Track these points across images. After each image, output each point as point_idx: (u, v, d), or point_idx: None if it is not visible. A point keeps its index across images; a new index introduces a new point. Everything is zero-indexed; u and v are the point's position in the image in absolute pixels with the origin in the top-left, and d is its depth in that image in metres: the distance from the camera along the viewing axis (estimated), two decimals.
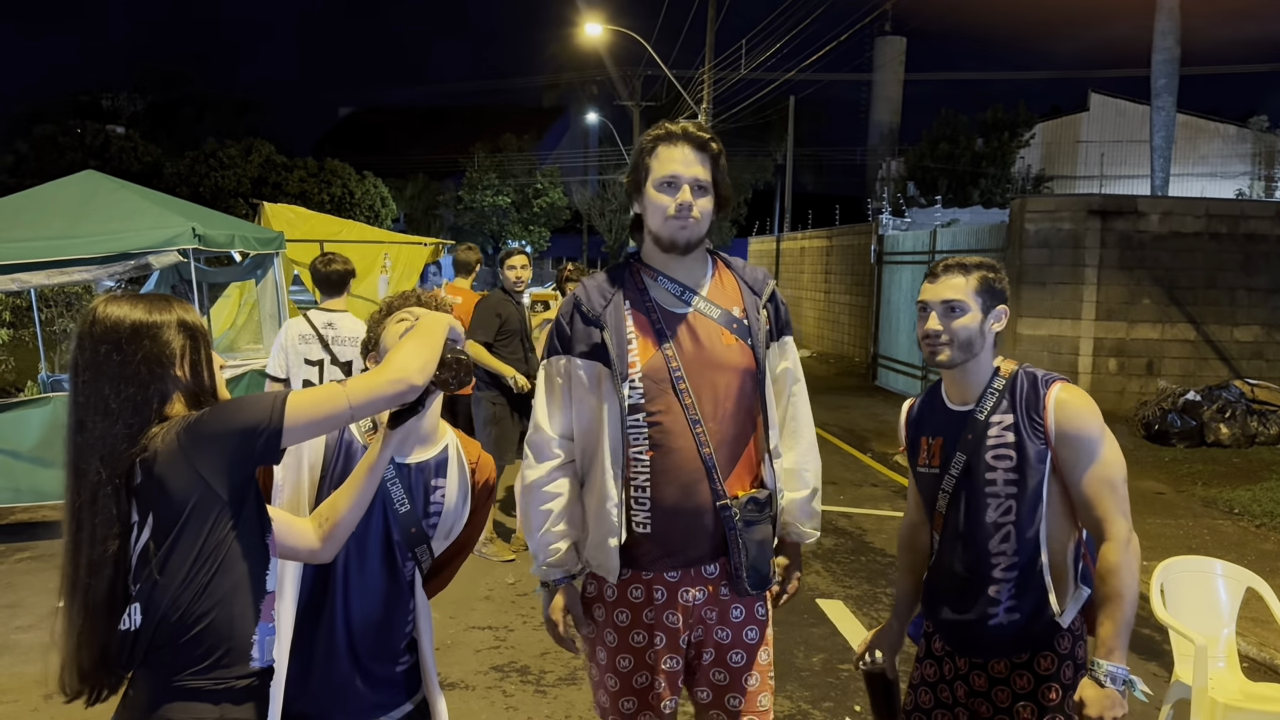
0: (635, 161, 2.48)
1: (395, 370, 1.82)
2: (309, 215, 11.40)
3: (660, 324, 2.43)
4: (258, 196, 14.53)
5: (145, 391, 1.75)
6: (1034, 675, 2.36)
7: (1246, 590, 3.91)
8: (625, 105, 38.81)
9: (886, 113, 37.07)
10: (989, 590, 2.37)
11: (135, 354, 1.74)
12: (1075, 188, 28.58)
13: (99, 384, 1.74)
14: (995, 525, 2.36)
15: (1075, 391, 2.37)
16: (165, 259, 8.55)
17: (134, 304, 1.79)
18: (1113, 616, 2.26)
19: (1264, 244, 11.62)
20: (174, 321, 1.80)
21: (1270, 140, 28.45)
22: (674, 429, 2.38)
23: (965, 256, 2.47)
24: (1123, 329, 11.57)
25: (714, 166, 2.44)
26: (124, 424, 1.72)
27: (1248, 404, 10.44)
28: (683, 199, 2.38)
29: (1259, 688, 3.82)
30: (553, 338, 2.52)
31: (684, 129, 2.44)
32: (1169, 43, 15.62)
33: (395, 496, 2.21)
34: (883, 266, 16.19)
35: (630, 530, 2.41)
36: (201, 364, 1.82)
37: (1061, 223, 11.59)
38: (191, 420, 1.72)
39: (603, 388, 2.41)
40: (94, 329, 1.76)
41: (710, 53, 23.75)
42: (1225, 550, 6.52)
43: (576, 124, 51.06)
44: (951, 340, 2.38)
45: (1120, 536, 2.29)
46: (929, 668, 2.55)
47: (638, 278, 2.50)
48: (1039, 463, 2.33)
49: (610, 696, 2.52)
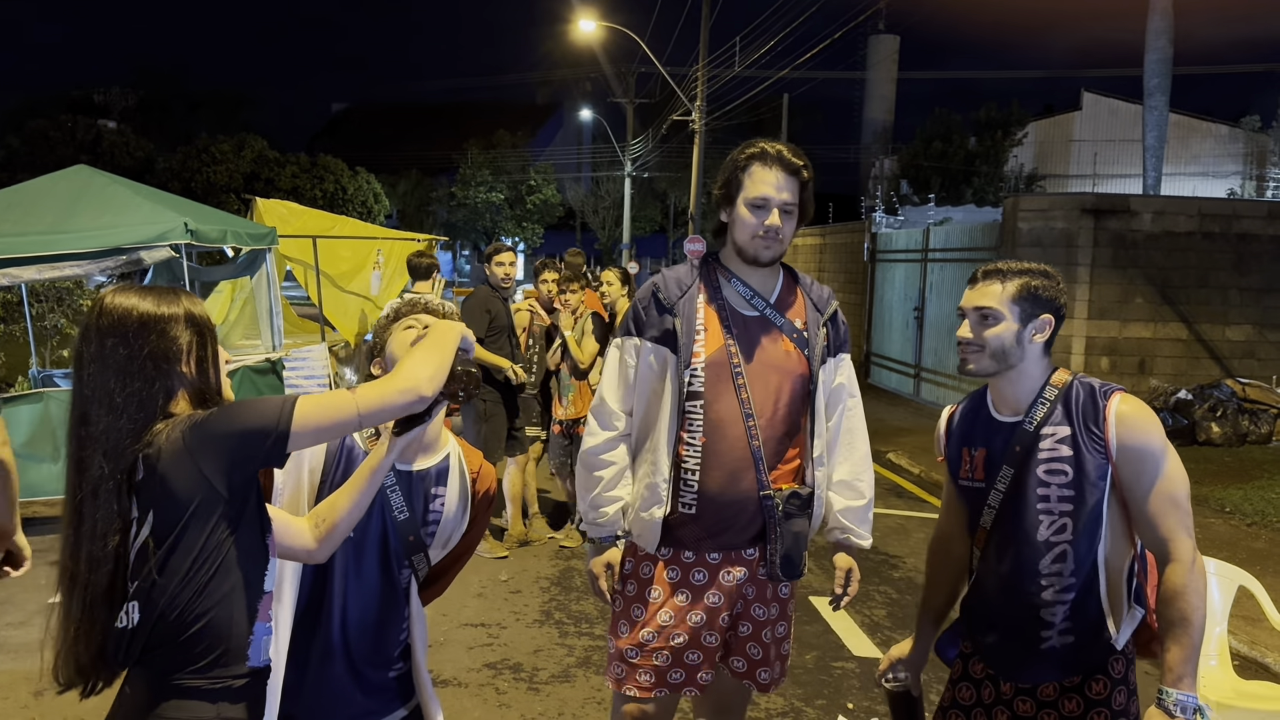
0: (728, 176, 2.63)
1: (405, 379, 1.80)
2: (301, 211, 11.36)
3: (729, 322, 2.62)
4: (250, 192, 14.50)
5: (151, 387, 1.73)
6: (1084, 699, 2.25)
7: (1238, 589, 3.92)
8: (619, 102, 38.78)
9: (880, 111, 37.13)
10: (1041, 613, 2.26)
11: (142, 348, 1.73)
12: (1068, 186, 28.64)
13: (104, 377, 1.72)
14: (1048, 544, 2.24)
15: (1136, 403, 2.25)
16: (157, 254, 8.51)
17: (142, 296, 1.77)
18: (1180, 642, 2.12)
19: (1256, 244, 11.66)
20: (182, 315, 1.78)
21: (1262, 140, 28.53)
22: (727, 418, 2.57)
23: (1010, 262, 2.36)
24: (1115, 328, 11.59)
25: (802, 190, 2.59)
26: (128, 419, 1.71)
27: (1239, 403, 10.48)
28: (772, 222, 2.55)
29: (1251, 686, 3.83)
30: (628, 320, 2.71)
31: (779, 152, 2.58)
32: (1162, 42, 15.64)
33: (394, 504, 2.20)
34: (876, 264, 16.20)
35: (676, 510, 2.60)
36: (208, 360, 1.81)
37: (1054, 221, 11.61)
38: (199, 419, 1.70)
39: (667, 372, 2.60)
40: (100, 321, 1.74)
41: (704, 50, 23.73)
42: (1217, 549, 6.54)
43: (570, 121, 51.04)
44: (983, 349, 2.29)
45: (1186, 557, 2.15)
46: (965, 690, 2.41)
47: (714, 277, 2.68)
48: (1099, 479, 2.21)
49: (629, 667, 2.67)
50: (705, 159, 24.12)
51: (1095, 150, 29.46)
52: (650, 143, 33.98)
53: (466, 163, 39.36)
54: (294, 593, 2.14)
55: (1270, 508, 7.66)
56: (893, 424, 11.26)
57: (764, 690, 2.76)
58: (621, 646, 2.70)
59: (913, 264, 14.56)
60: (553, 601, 5.52)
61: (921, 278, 14.08)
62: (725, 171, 2.64)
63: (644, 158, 35.80)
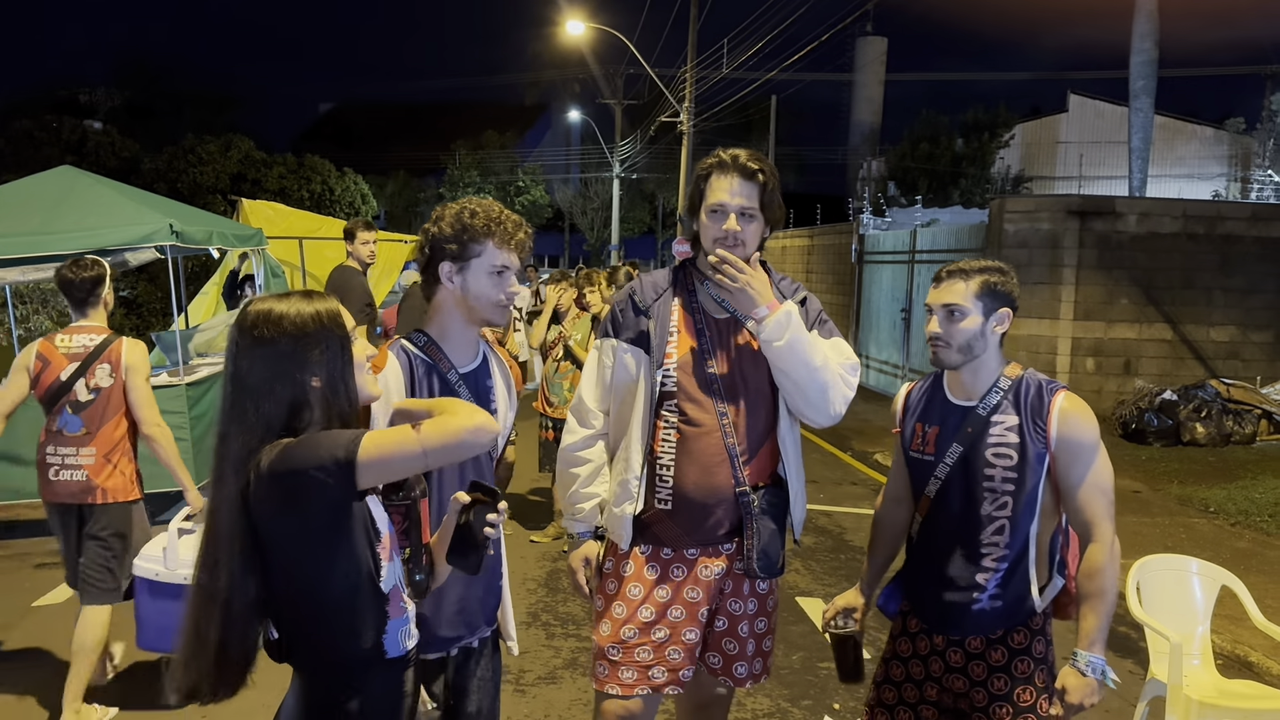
0: (692, 187, 2.74)
1: (472, 417, 1.78)
2: (288, 212, 11.32)
3: (702, 324, 2.70)
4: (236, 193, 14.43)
5: (276, 398, 1.75)
6: (1008, 649, 2.51)
7: (1221, 588, 3.95)
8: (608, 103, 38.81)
9: (868, 113, 37.20)
10: (978, 577, 2.50)
11: (274, 361, 1.76)
12: (1054, 188, 28.76)
13: (240, 393, 1.76)
14: (990, 518, 2.49)
15: (1077, 401, 2.50)
16: (142, 255, 8.48)
17: (278, 302, 1.80)
18: (1096, 611, 2.42)
19: (1240, 245, 11.73)
20: (317, 324, 1.79)
21: (1246, 142, 28.70)
22: (701, 417, 2.65)
23: (970, 261, 2.58)
24: (1100, 329, 11.65)
25: (762, 192, 2.63)
26: (254, 432, 1.74)
27: (1223, 403, 10.54)
28: (729, 227, 2.61)
29: (1233, 685, 3.86)
30: (606, 322, 2.81)
31: (735, 157, 2.65)
32: (1147, 45, 15.74)
33: (465, 396, 2.36)
34: (863, 266, 16.24)
35: (652, 507, 2.67)
36: (341, 373, 1.82)
37: (1040, 223, 11.66)
38: (283, 447, 1.72)
39: (640, 372, 2.68)
40: (239, 336, 1.78)
41: (692, 52, 23.77)
42: (1200, 548, 6.58)
43: (558, 122, 51.00)
44: (951, 343, 2.51)
45: (1106, 539, 2.44)
46: (903, 644, 2.67)
47: (689, 281, 2.78)
48: (1039, 464, 2.46)
49: (610, 665, 2.72)
50: (694, 160, 24.14)
51: (1081, 152, 29.59)
52: (639, 144, 34.01)
53: (454, 163, 39.30)
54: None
55: (1253, 507, 7.71)
56: (878, 424, 11.28)
57: (740, 685, 2.80)
58: (603, 644, 2.74)
59: (900, 265, 14.60)
60: (540, 603, 5.52)
61: (909, 279, 14.12)
62: (691, 183, 2.77)
63: (632, 159, 35.84)
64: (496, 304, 2.37)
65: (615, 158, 35.72)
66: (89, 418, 3.98)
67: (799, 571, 6.23)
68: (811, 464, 9.06)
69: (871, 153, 33.84)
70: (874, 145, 35.24)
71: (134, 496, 4.14)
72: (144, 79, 40.67)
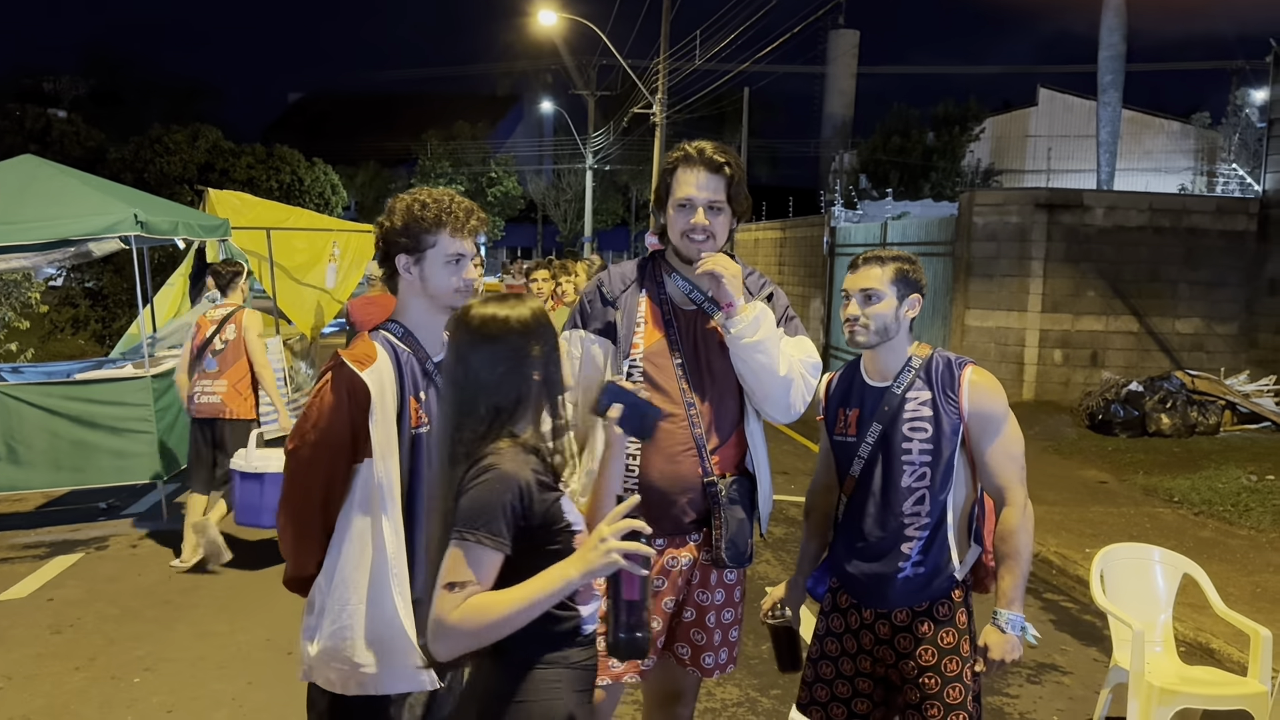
0: (659, 181, 2.76)
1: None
2: (255, 202, 11.18)
3: (670, 316, 2.73)
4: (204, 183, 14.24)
5: (507, 397, 1.93)
6: (933, 621, 2.61)
7: (1183, 576, 4.00)
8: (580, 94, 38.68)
9: (840, 106, 37.32)
10: (901, 547, 2.60)
11: (496, 361, 1.92)
12: (1024, 181, 28.97)
13: (474, 385, 1.92)
14: (909, 490, 2.60)
15: (984, 374, 2.65)
16: (106, 246, 8.37)
17: (499, 306, 1.96)
18: (1012, 571, 2.56)
19: (1205, 238, 11.88)
20: (531, 326, 1.96)
21: (1212, 136, 29.02)
22: (668, 407, 2.62)
23: (883, 249, 2.70)
24: (1068, 321, 11.76)
25: (729, 185, 2.67)
26: (487, 421, 1.90)
27: (1188, 395, 10.67)
28: (697, 221, 2.65)
29: (1194, 671, 3.92)
30: (575, 313, 2.82)
31: (701, 151, 2.67)
32: (1115, 39, 15.88)
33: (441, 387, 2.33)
34: (835, 258, 16.30)
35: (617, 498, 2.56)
36: (556, 368, 2.00)
37: (1009, 216, 11.75)
38: (468, 489, 1.86)
39: (607, 362, 2.70)
40: (473, 334, 1.94)
41: (665, 43, 23.74)
42: (1165, 537, 6.66)
43: (531, 113, 50.76)
44: (869, 325, 2.61)
45: (1019, 502, 2.58)
46: (835, 620, 2.76)
47: (657, 273, 2.80)
48: (953, 435, 2.59)
49: None
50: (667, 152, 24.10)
51: (1050, 145, 29.83)
52: (612, 135, 33.93)
53: (426, 154, 39.03)
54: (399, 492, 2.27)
55: (1217, 497, 7.81)
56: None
57: (708, 675, 2.81)
58: None
59: None
60: None
61: None
62: (658, 178, 2.78)
63: (605, 150, 35.75)
64: (455, 291, 2.38)
65: (588, 149, 35.62)
66: (221, 361, 5.91)
67: (769, 562, 6.25)
68: (782, 454, 9.10)
69: (843, 145, 33.96)
70: (846, 138, 35.36)
71: (251, 417, 5.97)
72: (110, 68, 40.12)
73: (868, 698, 2.68)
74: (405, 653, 2.26)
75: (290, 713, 4.02)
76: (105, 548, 6.34)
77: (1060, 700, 4.43)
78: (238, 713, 4.11)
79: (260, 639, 4.85)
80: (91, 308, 15.42)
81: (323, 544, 2.32)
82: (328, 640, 2.29)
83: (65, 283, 15.75)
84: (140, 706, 4.15)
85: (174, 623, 5.08)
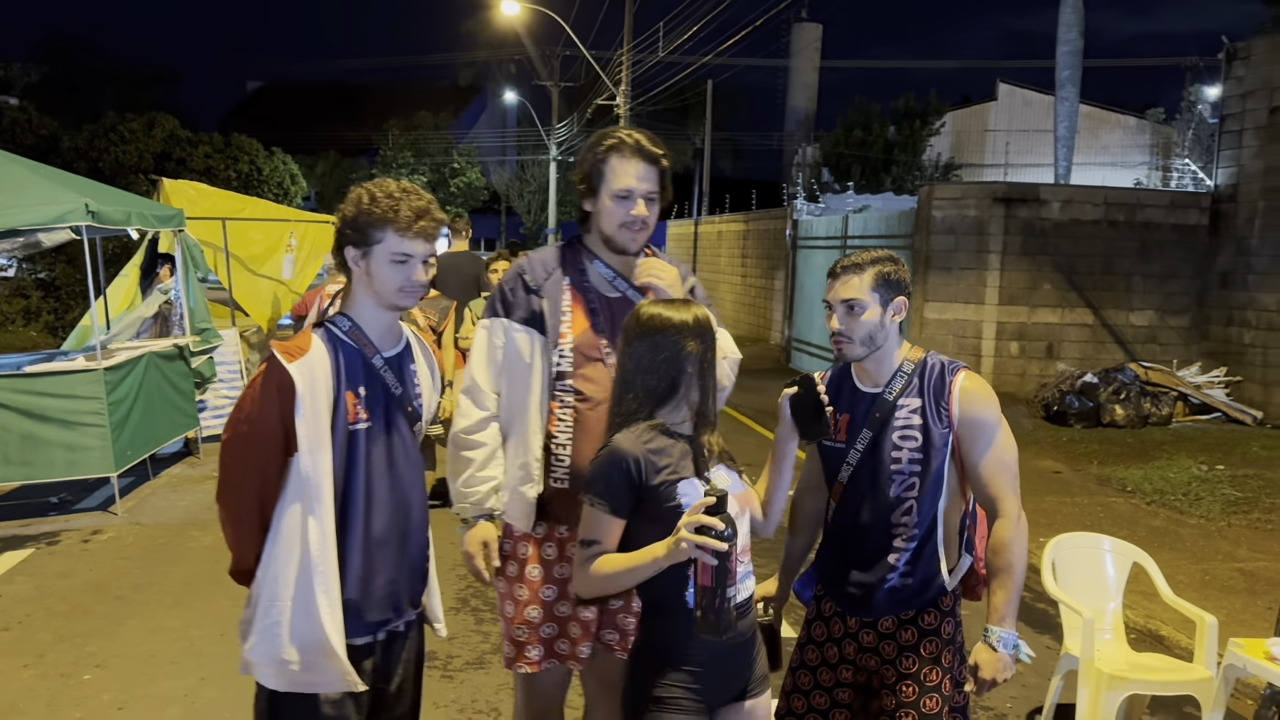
0: (590, 168, 2.69)
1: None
2: (210, 192, 11.02)
3: (595, 304, 2.71)
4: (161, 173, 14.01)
5: (662, 381, 2.22)
6: (918, 629, 2.54)
7: (1133, 564, 4.07)
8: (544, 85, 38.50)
9: (803, 99, 37.38)
10: (888, 557, 2.53)
11: (656, 354, 2.22)
12: (983, 176, 29.23)
13: (638, 368, 2.23)
14: (899, 499, 2.52)
15: (977, 380, 2.55)
16: (57, 236, 8.22)
17: (667, 307, 2.26)
18: (1005, 586, 2.45)
19: (1159, 232, 12.06)
20: (696, 328, 2.23)
21: (1167, 132, 29.43)
22: (598, 396, 2.64)
23: (861, 254, 2.57)
24: (1024, 313, 11.90)
25: (662, 176, 2.69)
26: (641, 398, 2.23)
27: (1141, 386, 10.85)
28: (638, 212, 2.64)
29: (1143, 658, 3.98)
30: (494, 301, 2.77)
31: (637, 142, 2.65)
32: (1072, 35, 16.02)
33: (390, 381, 2.39)
34: (797, 251, 16.37)
35: (549, 486, 2.66)
36: (708, 365, 2.25)
37: (967, 210, 11.86)
38: (602, 453, 2.23)
39: (535, 352, 2.67)
40: (641, 326, 2.25)
41: (628, 34, 23.70)
42: (1118, 526, 6.77)
43: (494, 103, 50.47)
44: (854, 337, 2.52)
45: (1012, 514, 2.48)
46: (818, 628, 2.70)
47: (579, 260, 2.76)
48: (942, 445, 2.50)
49: (516, 646, 2.77)
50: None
51: (1008, 140, 30.11)
52: (576, 126, 33.82)
53: (387, 144, 38.72)
54: (331, 489, 2.25)
55: (1169, 486, 7.95)
56: None
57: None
58: (510, 626, 2.78)
59: (832, 250, 14.75)
60: (470, 589, 5.49)
61: None
62: (585, 163, 2.71)
63: (569, 142, 35.61)
64: (399, 291, 2.32)
65: (552, 140, 35.48)
66: None
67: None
68: (745, 447, 9.12)
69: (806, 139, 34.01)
70: (809, 131, 35.43)
71: None
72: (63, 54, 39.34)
73: (846, 708, 2.63)
74: (328, 653, 2.22)
75: (243, 708, 3.97)
76: (56, 543, 6.24)
77: (1013, 688, 4.49)
78: (190, 709, 4.07)
79: (214, 634, 4.80)
80: (44, 299, 15.16)
81: (260, 537, 2.29)
82: (258, 636, 2.26)
83: (17, 274, 15.48)
84: (90, 704, 4.09)
85: (126, 619, 5.01)
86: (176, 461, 8.44)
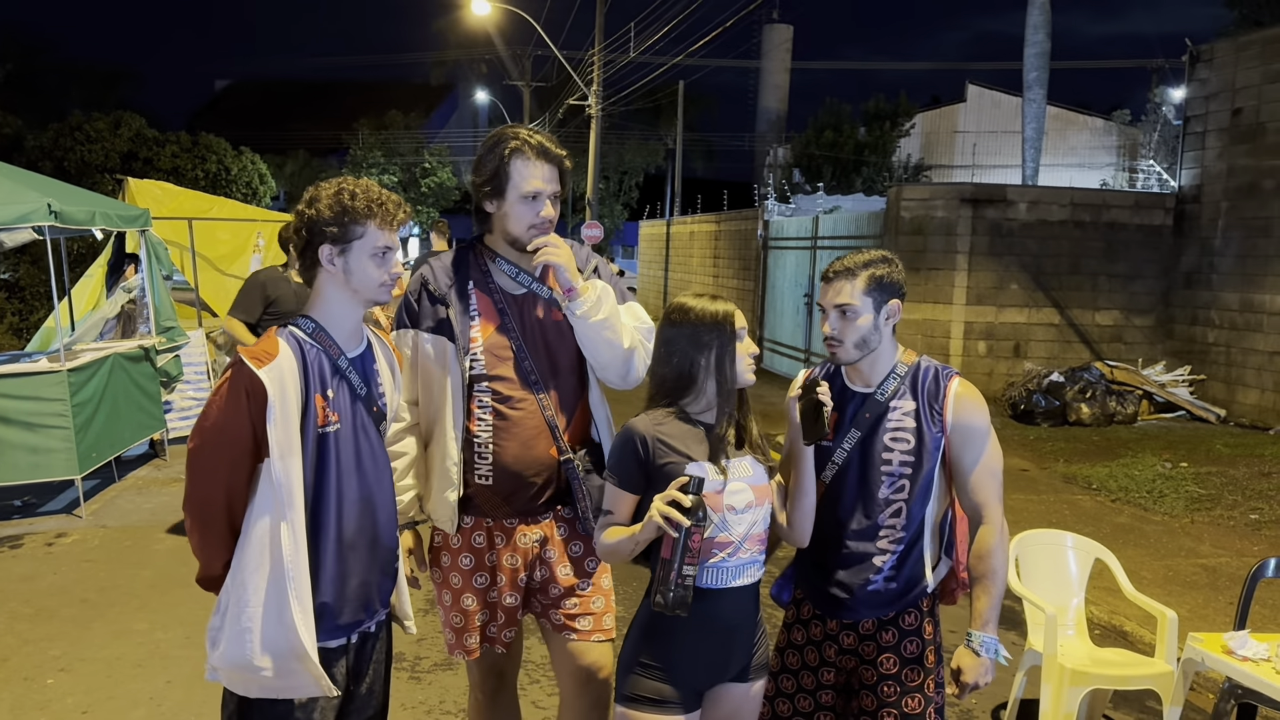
0: (494, 169, 2.66)
1: None
2: (177, 192, 10.91)
3: (502, 303, 2.72)
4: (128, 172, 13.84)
5: (673, 370, 2.33)
6: (898, 630, 2.55)
7: (1096, 561, 4.12)
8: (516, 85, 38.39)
9: (774, 100, 37.51)
10: (874, 559, 2.52)
11: (678, 340, 2.33)
12: (952, 176, 29.49)
13: (657, 356, 2.37)
14: (887, 501, 2.51)
15: (971, 387, 2.56)
16: (19, 236, 8.12)
17: (695, 299, 2.36)
18: (988, 592, 2.47)
19: (1124, 232, 12.21)
20: (713, 323, 2.31)
21: (1133, 133, 29.78)
22: (516, 394, 2.69)
23: (854, 256, 2.55)
24: (992, 313, 12.02)
25: (564, 176, 2.73)
26: (655, 384, 2.37)
27: (1107, 385, 10.98)
28: (547, 214, 2.67)
29: (1105, 653, 4.03)
30: (401, 313, 2.77)
31: (540, 144, 2.67)
32: (1040, 36, 16.19)
33: (355, 382, 2.39)
34: (768, 251, 16.43)
35: (473, 483, 2.73)
36: (726, 359, 2.31)
37: (935, 211, 11.96)
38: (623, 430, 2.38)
39: (447, 359, 2.68)
40: (666, 316, 2.36)
41: (600, 34, 23.67)
42: (1083, 524, 6.84)
43: (465, 103, 50.26)
44: (846, 341, 2.52)
45: (996, 521, 2.49)
46: (797, 632, 2.69)
47: (481, 261, 2.77)
48: (934, 448, 2.50)
49: (456, 633, 2.83)
50: (602, 144, 24.06)
51: (975, 141, 30.38)
52: (547, 127, 33.77)
53: (357, 143, 38.44)
54: (302, 489, 2.24)
55: (1133, 484, 8.05)
56: (782, 407, 11.43)
57: (586, 639, 2.78)
58: (448, 616, 2.84)
59: (803, 251, 14.82)
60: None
61: (811, 265, 14.34)
62: (488, 166, 2.68)
63: None
64: (381, 284, 2.34)
65: None
66: None
67: None
68: None
69: (778, 140, 34.16)
70: (780, 132, 35.56)
71: None
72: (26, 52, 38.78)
73: (829, 709, 2.62)
74: (301, 659, 2.21)
75: (209, 711, 3.96)
76: (19, 546, 6.16)
77: None
78: (155, 712, 4.03)
79: (179, 637, 4.76)
80: (8, 300, 14.94)
81: (229, 544, 2.27)
82: (228, 643, 2.24)
83: None
84: (54, 708, 4.04)
85: (90, 622, 4.96)
86: (142, 464, 8.35)
